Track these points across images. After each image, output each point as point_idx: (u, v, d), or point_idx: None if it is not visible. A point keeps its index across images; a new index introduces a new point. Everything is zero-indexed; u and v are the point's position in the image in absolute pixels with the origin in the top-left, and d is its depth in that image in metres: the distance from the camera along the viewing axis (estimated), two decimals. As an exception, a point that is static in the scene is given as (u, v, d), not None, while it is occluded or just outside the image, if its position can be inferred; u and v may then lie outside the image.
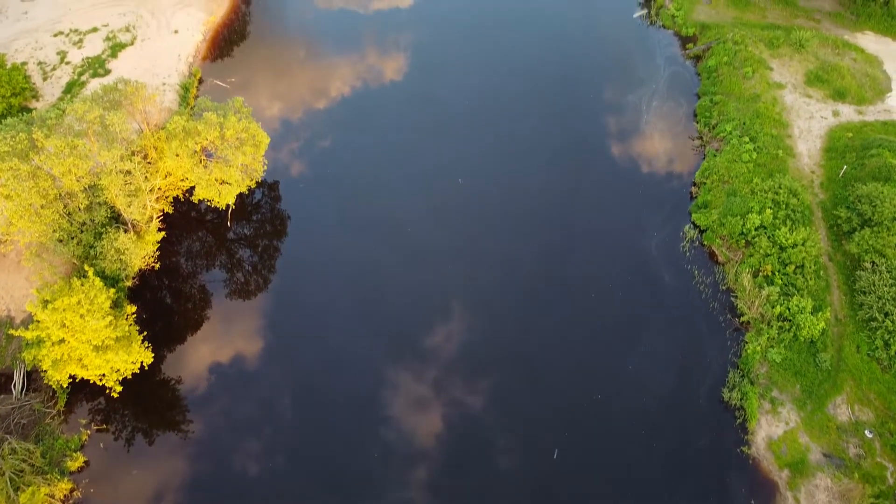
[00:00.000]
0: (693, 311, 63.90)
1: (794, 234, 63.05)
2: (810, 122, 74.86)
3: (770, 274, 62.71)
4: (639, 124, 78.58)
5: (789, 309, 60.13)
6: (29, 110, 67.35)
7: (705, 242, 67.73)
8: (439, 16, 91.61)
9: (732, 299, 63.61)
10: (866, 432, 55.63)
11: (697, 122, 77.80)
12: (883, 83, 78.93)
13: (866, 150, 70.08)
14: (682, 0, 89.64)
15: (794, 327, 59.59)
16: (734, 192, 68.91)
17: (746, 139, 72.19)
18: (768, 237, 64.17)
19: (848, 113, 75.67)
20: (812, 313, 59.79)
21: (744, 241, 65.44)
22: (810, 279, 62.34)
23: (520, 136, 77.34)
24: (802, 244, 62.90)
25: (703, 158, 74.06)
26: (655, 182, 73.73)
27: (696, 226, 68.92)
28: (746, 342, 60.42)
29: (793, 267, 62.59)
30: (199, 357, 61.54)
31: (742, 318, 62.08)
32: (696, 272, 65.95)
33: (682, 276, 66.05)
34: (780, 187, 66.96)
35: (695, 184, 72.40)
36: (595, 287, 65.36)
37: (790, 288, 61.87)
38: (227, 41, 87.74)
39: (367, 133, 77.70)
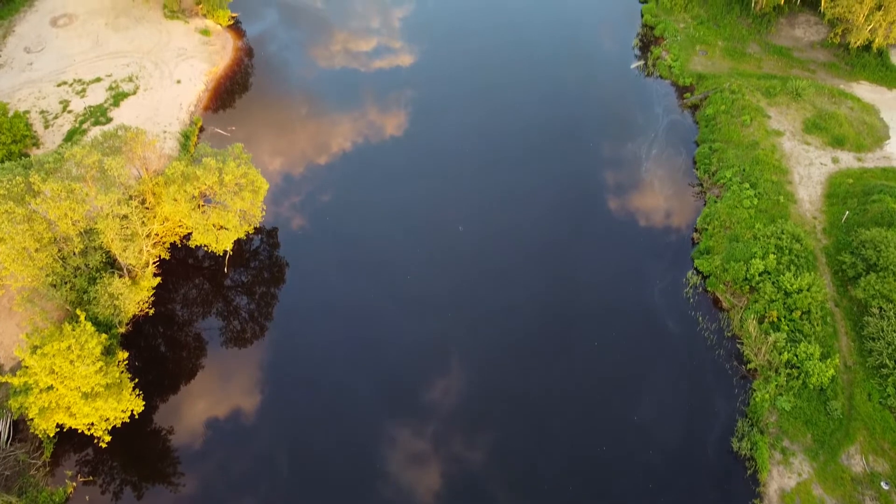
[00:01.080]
0: (698, 358, 62.47)
1: (799, 279, 62.15)
2: (810, 169, 74.85)
3: (776, 320, 61.54)
4: (639, 172, 78.58)
5: (797, 356, 58.75)
6: (29, 157, 67.28)
7: (709, 288, 66.77)
8: (439, 72, 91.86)
9: (738, 346, 62.25)
10: (882, 484, 53.53)
11: (697, 169, 77.80)
12: (881, 131, 79.28)
13: (868, 196, 69.81)
14: (679, 51, 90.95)
15: (802, 374, 58.10)
16: (736, 237, 68.33)
17: (747, 185, 72.03)
18: (773, 283, 63.24)
19: (847, 160, 75.75)
20: (820, 360, 58.39)
21: (748, 286, 64.50)
22: (817, 325, 61.15)
23: (520, 184, 77.07)
24: (808, 289, 61.93)
25: (704, 205, 73.77)
26: (657, 228, 73.22)
27: (698, 272, 68.07)
28: (754, 390, 58.86)
29: (799, 313, 61.48)
30: (192, 407, 59.83)
31: (749, 366, 60.62)
32: (701, 319, 64.80)
33: (686, 323, 64.84)
34: (782, 233, 66.42)
35: (696, 230, 71.89)
36: (598, 335, 64.05)
37: (797, 334, 60.62)
38: (228, 92, 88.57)
39: (366, 183, 77.44)
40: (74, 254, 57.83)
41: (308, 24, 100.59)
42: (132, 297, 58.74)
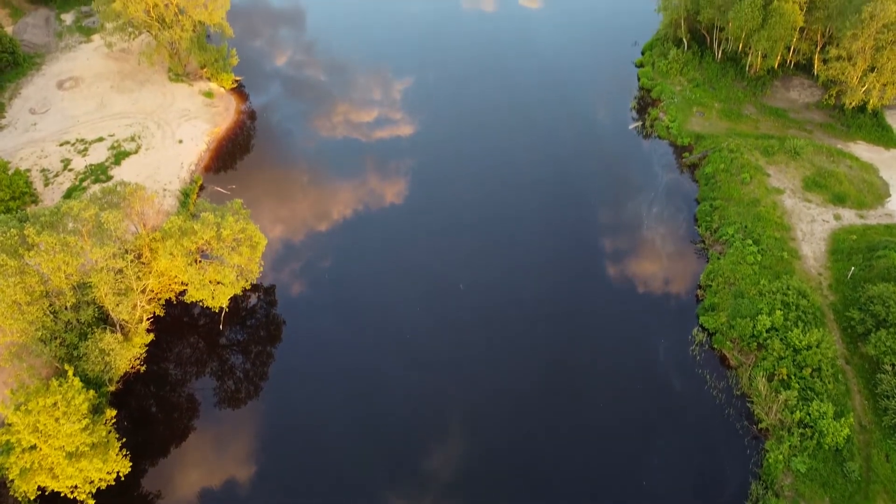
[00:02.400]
0: (708, 418, 60.35)
1: (808, 335, 60.69)
2: (812, 226, 74.39)
3: (786, 377, 59.76)
4: (640, 230, 78.09)
5: (809, 414, 56.76)
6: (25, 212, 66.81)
7: (715, 346, 65.18)
8: (439, 137, 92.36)
9: (748, 405, 60.23)
10: (907, 551, 50.76)
11: (699, 226, 77.31)
12: (881, 188, 79.29)
13: (873, 252, 69.06)
14: (676, 112, 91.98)
15: (816, 434, 55.92)
16: (741, 294, 67.17)
17: (749, 242, 71.41)
18: (780, 339, 61.74)
19: (849, 216, 75.39)
20: (834, 419, 56.36)
21: (755, 343, 62.95)
22: (829, 383, 59.33)
23: (523, 243, 76.54)
24: (817, 346, 60.41)
25: (707, 261, 72.90)
26: (660, 285, 72.14)
27: (704, 329, 66.61)
28: (767, 451, 56.54)
29: (809, 370, 59.76)
30: (182, 470, 57.37)
31: (760, 425, 58.48)
32: (708, 377, 62.96)
33: (693, 382, 62.96)
34: (788, 289, 65.35)
35: (700, 286, 70.80)
36: (603, 395, 62.05)
37: (808, 392, 58.73)
38: (229, 152, 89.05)
39: (364, 245, 76.70)
40: (66, 308, 56.54)
41: (310, 90, 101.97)
42: (124, 353, 57.14)
